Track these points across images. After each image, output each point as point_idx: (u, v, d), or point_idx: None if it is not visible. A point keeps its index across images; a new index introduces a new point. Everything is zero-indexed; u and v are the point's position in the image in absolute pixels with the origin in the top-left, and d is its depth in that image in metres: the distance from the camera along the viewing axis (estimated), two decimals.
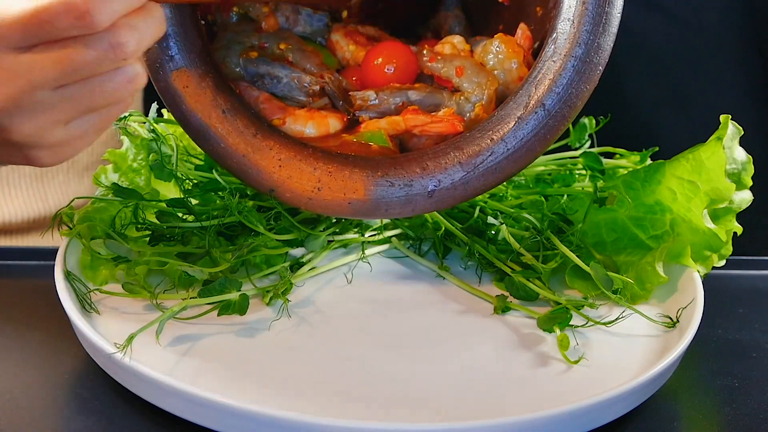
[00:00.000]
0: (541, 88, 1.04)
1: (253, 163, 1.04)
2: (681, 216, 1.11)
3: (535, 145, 1.04)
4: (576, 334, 1.04)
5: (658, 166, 1.12)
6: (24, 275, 1.18)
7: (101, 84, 0.90)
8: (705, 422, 0.97)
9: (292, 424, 0.87)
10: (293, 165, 1.04)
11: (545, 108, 1.04)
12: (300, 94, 1.10)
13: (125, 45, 0.88)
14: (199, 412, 0.89)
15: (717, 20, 1.58)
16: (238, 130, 1.04)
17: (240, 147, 1.04)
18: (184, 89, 1.04)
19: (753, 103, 1.57)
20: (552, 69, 1.04)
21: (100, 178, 1.18)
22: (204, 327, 1.03)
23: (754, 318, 1.14)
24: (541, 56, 1.05)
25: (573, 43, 1.04)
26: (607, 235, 1.15)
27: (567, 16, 1.05)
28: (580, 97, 1.04)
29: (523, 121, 1.04)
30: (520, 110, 1.04)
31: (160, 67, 1.04)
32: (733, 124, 1.09)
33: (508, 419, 0.88)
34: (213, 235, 1.11)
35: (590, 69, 1.04)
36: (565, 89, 1.04)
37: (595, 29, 1.04)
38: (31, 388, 0.97)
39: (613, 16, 1.04)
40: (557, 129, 1.04)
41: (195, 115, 1.04)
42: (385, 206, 1.04)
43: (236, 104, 1.06)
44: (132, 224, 1.11)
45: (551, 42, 1.05)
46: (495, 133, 1.04)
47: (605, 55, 1.05)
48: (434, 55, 1.12)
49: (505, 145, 1.04)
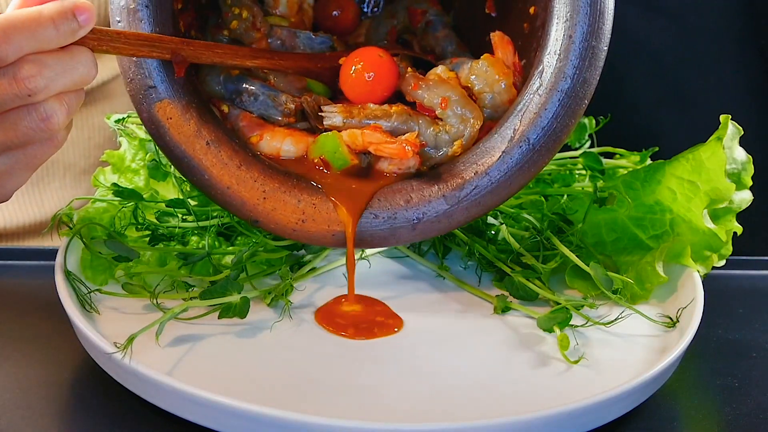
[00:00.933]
0: (525, 121, 1.04)
1: (237, 195, 1.03)
2: (681, 216, 1.11)
3: (518, 178, 1.04)
4: (576, 334, 1.04)
5: (658, 166, 1.12)
6: (24, 275, 1.18)
7: (14, 121, 0.90)
8: (705, 422, 0.97)
9: (292, 424, 0.87)
10: (277, 197, 1.03)
11: (530, 142, 1.03)
12: (276, 113, 1.09)
13: (29, 80, 0.88)
14: (199, 412, 0.89)
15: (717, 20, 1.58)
16: (222, 161, 1.03)
17: (224, 179, 1.03)
18: (167, 121, 1.03)
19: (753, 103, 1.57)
20: (537, 102, 1.04)
21: (99, 179, 1.18)
22: (204, 327, 1.03)
23: (754, 318, 1.14)
24: (527, 89, 1.05)
25: (559, 78, 1.04)
26: (607, 235, 1.15)
27: (554, 49, 1.04)
28: (565, 131, 1.04)
29: (507, 155, 1.03)
30: (505, 143, 1.04)
31: (143, 98, 1.03)
32: (733, 124, 1.09)
33: (508, 419, 0.88)
34: (212, 236, 1.11)
35: (576, 103, 1.04)
36: (550, 123, 1.04)
37: (581, 63, 1.03)
38: (31, 388, 0.97)
39: (600, 50, 1.04)
40: (541, 163, 1.04)
41: (179, 146, 1.03)
42: (369, 237, 1.03)
43: (220, 135, 1.05)
44: (132, 224, 1.12)
45: (537, 75, 1.04)
46: (479, 165, 1.04)
47: (591, 89, 1.04)
48: (417, 82, 1.08)
49: (489, 179, 1.03)
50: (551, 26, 1.04)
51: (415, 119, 1.06)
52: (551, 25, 1.04)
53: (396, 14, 1.24)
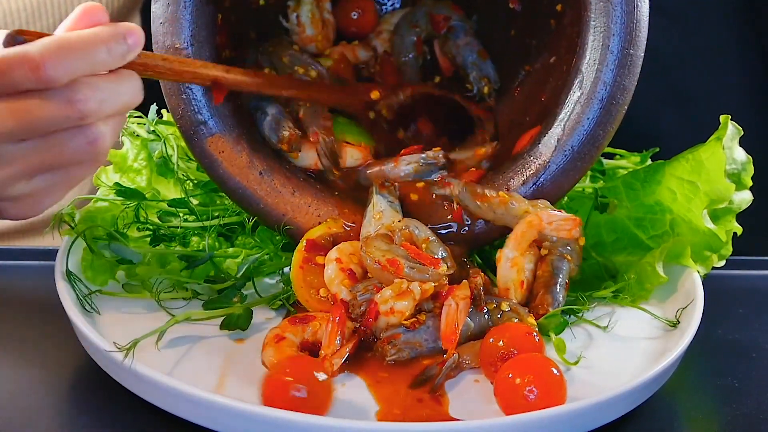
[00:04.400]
0: (568, 130, 1.07)
1: (293, 221, 1.08)
2: (681, 216, 1.11)
3: (563, 184, 1.08)
4: (576, 334, 1.04)
5: (658, 166, 1.13)
6: (24, 275, 1.18)
7: (61, 142, 0.90)
8: (705, 422, 0.97)
9: (291, 424, 0.87)
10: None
11: (573, 149, 1.07)
12: (273, 136, 1.11)
13: (83, 102, 0.88)
14: (199, 412, 0.89)
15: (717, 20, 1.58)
16: (276, 190, 1.08)
17: (279, 206, 1.08)
18: (220, 154, 1.07)
19: (753, 103, 1.57)
20: (578, 112, 1.06)
21: (101, 178, 1.18)
22: (204, 328, 1.03)
23: (754, 318, 1.14)
24: (568, 98, 1.07)
25: (598, 86, 1.06)
26: (607, 235, 1.15)
27: (592, 58, 1.06)
28: (605, 137, 1.07)
29: (552, 164, 1.07)
30: (550, 152, 1.07)
31: (194, 134, 1.07)
32: (733, 124, 1.09)
33: (509, 419, 0.88)
34: (213, 236, 1.11)
35: (615, 110, 1.06)
36: (591, 130, 1.07)
37: (619, 71, 1.06)
38: (31, 388, 0.97)
39: (637, 57, 1.06)
40: (584, 168, 1.08)
41: (233, 178, 1.08)
42: None
43: (272, 163, 1.09)
44: (134, 224, 1.12)
45: (577, 84, 1.07)
46: (525, 176, 1.08)
47: (629, 96, 1.07)
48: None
49: (535, 188, 1.08)
50: (587, 35, 1.07)
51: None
52: (588, 34, 1.07)
53: (418, 23, 1.25)
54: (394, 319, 0.99)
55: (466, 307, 0.99)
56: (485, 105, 1.21)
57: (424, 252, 1.04)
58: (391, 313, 0.99)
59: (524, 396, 0.90)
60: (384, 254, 1.01)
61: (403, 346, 0.97)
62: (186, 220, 1.13)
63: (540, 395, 0.89)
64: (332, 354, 0.96)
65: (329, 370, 0.94)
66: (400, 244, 1.04)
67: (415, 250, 1.03)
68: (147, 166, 1.18)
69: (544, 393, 0.90)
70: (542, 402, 0.89)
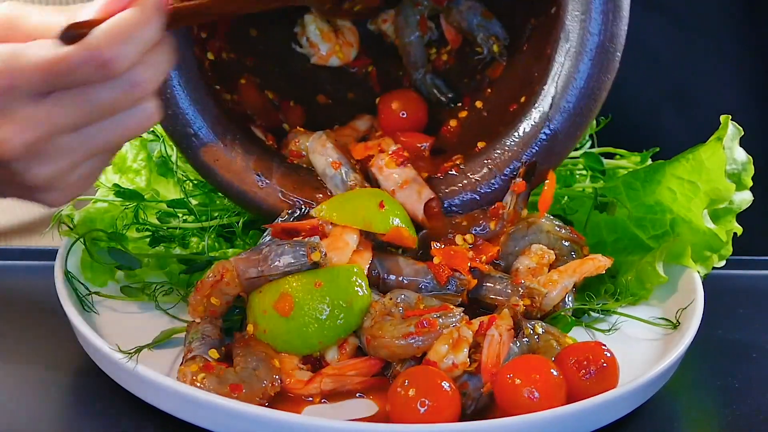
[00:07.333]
0: (561, 86, 1.04)
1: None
2: (681, 216, 1.11)
3: (565, 144, 1.06)
4: (576, 335, 1.03)
5: (658, 166, 1.12)
6: (24, 275, 1.18)
7: (120, 122, 0.88)
8: (705, 422, 0.97)
9: (291, 424, 0.87)
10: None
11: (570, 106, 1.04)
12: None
13: (144, 83, 0.88)
14: (199, 413, 0.89)
15: (717, 20, 1.57)
16: (276, 190, 1.08)
17: (281, 206, 1.08)
18: (215, 163, 1.08)
19: (753, 103, 1.57)
20: (569, 66, 1.04)
21: (100, 179, 1.17)
22: None
23: (754, 318, 1.14)
24: (556, 54, 1.05)
25: (585, 36, 1.03)
26: (608, 235, 1.15)
27: (574, 8, 1.03)
28: (602, 88, 1.04)
29: (550, 122, 1.05)
30: (546, 112, 1.05)
31: (187, 147, 1.07)
32: (733, 124, 1.09)
33: (508, 419, 0.88)
34: (212, 237, 1.11)
35: (608, 59, 1.04)
36: (586, 83, 1.04)
37: (605, 18, 1.03)
38: (31, 388, 0.97)
39: (622, 0, 1.03)
40: (584, 125, 1.05)
41: (232, 184, 1.08)
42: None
43: (268, 163, 1.09)
44: (133, 225, 1.11)
45: (563, 38, 1.04)
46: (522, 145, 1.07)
47: (621, 43, 1.04)
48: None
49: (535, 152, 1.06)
50: None
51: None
52: None
53: (419, 1, 1.23)
54: (457, 372, 0.94)
55: (509, 339, 0.95)
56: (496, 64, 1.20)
57: (425, 309, 0.99)
58: (455, 368, 0.94)
59: (525, 397, 0.89)
60: (402, 330, 0.96)
61: (473, 393, 0.93)
62: (185, 221, 1.13)
63: (540, 396, 0.89)
64: None
65: None
66: (404, 317, 0.98)
67: (421, 311, 0.98)
68: (146, 166, 1.18)
69: (544, 394, 0.89)
70: (543, 403, 0.89)
